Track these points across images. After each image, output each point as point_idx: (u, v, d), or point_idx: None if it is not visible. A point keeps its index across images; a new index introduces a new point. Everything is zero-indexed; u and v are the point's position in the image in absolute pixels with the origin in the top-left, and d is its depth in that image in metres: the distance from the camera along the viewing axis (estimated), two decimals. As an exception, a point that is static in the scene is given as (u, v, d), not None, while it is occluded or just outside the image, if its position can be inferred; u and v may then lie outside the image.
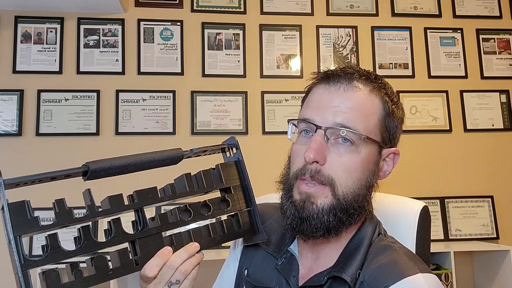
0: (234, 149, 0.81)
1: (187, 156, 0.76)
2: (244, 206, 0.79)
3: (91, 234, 0.64)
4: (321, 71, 0.76)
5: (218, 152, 0.82)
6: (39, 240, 2.08)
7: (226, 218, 0.78)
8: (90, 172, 0.65)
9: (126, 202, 0.69)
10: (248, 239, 0.81)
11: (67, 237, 0.70)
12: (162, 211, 0.71)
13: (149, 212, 1.98)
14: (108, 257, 0.67)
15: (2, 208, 0.59)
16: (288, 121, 0.78)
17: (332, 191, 0.70)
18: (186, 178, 0.75)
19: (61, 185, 0.82)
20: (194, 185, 0.75)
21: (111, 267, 0.66)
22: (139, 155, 0.71)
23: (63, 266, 0.63)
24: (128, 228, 0.69)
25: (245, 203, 0.79)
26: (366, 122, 0.71)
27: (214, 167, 0.79)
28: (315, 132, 0.71)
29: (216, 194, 0.79)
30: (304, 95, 0.81)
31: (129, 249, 0.68)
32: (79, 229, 0.64)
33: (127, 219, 0.69)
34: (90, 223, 0.66)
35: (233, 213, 0.78)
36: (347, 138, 0.70)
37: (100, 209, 0.66)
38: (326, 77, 0.75)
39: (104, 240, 0.67)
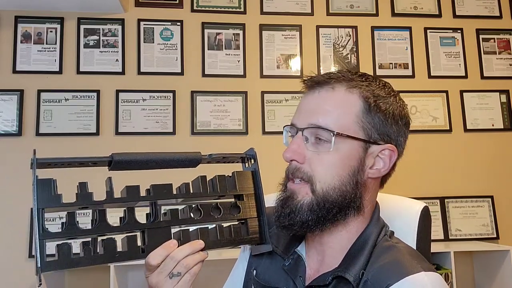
0: (252, 160, 0.85)
1: (205, 160, 0.80)
2: (254, 215, 0.81)
3: (106, 217, 0.69)
4: (305, 78, 0.81)
5: (238, 162, 0.85)
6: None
7: (236, 223, 0.80)
8: (113, 162, 0.71)
9: (143, 194, 0.73)
10: (254, 248, 0.83)
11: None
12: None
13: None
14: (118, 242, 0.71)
15: (33, 183, 0.66)
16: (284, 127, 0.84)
17: (311, 188, 0.74)
18: (201, 180, 0.78)
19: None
20: (208, 187, 0.79)
21: (119, 250, 0.69)
22: (161, 153, 0.76)
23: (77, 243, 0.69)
24: (142, 218, 0.74)
25: (256, 212, 0.82)
26: (342, 120, 0.74)
27: (231, 174, 0.82)
28: (296, 134, 0.76)
29: (231, 200, 0.82)
30: None
31: (138, 237, 0.72)
32: (95, 211, 0.70)
33: (142, 212, 0.75)
34: (106, 208, 0.71)
35: (243, 219, 0.81)
36: (321, 137, 0.74)
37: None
38: (306, 84, 0.80)
39: (117, 225, 0.71)
